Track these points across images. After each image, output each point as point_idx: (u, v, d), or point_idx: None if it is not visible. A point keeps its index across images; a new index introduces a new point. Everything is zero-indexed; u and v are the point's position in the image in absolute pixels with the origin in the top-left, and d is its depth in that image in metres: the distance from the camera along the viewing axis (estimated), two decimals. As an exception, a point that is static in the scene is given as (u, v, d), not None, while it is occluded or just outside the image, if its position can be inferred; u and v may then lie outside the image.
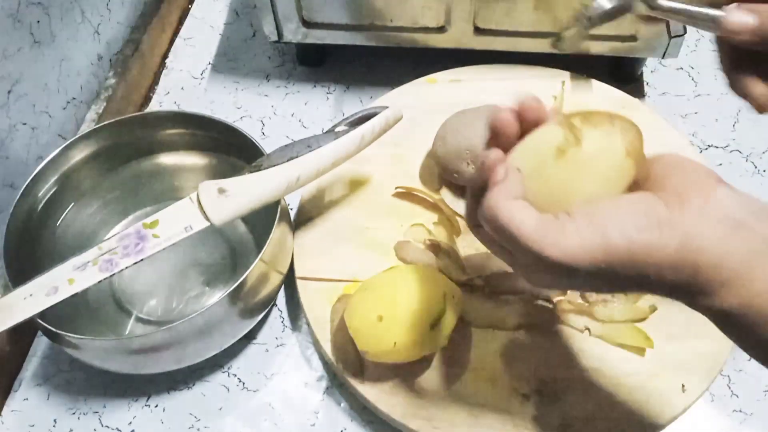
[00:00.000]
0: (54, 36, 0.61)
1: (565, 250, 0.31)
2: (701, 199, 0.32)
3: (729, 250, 0.31)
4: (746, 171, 0.65)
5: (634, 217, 0.32)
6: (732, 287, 0.31)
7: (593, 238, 0.31)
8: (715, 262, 0.31)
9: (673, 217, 0.31)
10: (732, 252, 0.31)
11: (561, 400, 0.49)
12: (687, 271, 0.31)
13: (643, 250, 0.31)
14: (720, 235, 0.31)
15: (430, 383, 0.50)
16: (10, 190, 0.56)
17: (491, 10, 0.62)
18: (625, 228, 0.31)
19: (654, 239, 0.31)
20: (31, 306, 0.45)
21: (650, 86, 0.71)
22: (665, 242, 0.31)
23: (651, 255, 0.31)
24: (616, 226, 0.31)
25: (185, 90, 0.74)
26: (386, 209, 0.59)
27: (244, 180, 0.49)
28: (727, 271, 0.31)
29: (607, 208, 0.32)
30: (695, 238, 0.31)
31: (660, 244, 0.31)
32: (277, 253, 0.52)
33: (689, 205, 0.32)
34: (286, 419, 0.53)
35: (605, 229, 0.31)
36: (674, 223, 0.31)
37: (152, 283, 0.58)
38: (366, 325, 0.48)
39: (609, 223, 0.31)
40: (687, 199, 0.32)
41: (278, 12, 0.64)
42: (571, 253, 0.31)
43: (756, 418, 0.52)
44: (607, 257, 0.31)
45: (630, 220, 0.31)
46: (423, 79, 0.67)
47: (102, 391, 0.55)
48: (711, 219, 0.31)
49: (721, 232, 0.31)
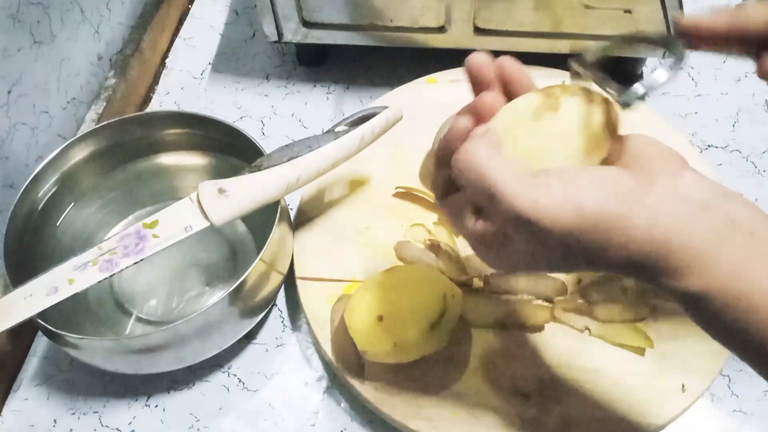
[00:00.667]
0: (54, 36, 0.61)
1: (540, 208, 0.31)
2: (670, 179, 0.32)
3: (694, 231, 0.31)
4: (746, 171, 0.65)
5: (608, 186, 0.31)
6: (698, 268, 0.31)
7: (566, 199, 0.31)
8: (680, 242, 0.31)
9: (643, 193, 0.31)
10: (697, 233, 0.31)
11: (561, 400, 0.49)
12: (652, 250, 0.31)
13: (612, 220, 0.31)
14: (686, 215, 0.31)
15: (430, 383, 0.50)
16: (10, 190, 0.56)
17: (491, 10, 0.62)
18: (599, 195, 0.31)
19: (625, 211, 0.31)
20: (31, 306, 0.45)
21: (650, 86, 0.71)
22: (634, 215, 0.31)
23: (620, 227, 0.31)
24: (590, 192, 0.31)
25: (185, 90, 0.74)
26: (386, 209, 0.59)
27: (244, 180, 0.49)
28: (692, 253, 0.31)
29: (583, 174, 0.32)
30: (663, 216, 0.31)
31: (628, 216, 0.31)
32: (277, 253, 0.52)
33: (658, 184, 0.32)
34: (286, 419, 0.53)
35: (580, 193, 0.31)
36: (644, 199, 0.31)
37: (152, 283, 0.58)
38: (366, 325, 0.48)
39: (584, 188, 0.31)
40: (656, 178, 0.32)
41: (278, 12, 0.64)
42: (545, 212, 0.31)
43: (756, 418, 0.52)
44: (579, 222, 0.31)
45: (604, 188, 0.31)
46: (423, 79, 0.67)
47: (102, 391, 0.55)
48: (678, 199, 0.31)
49: (688, 212, 0.31)
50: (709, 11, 0.35)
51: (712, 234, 0.31)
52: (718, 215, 0.31)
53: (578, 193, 0.31)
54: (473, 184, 0.33)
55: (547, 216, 0.31)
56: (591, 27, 0.63)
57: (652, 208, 0.31)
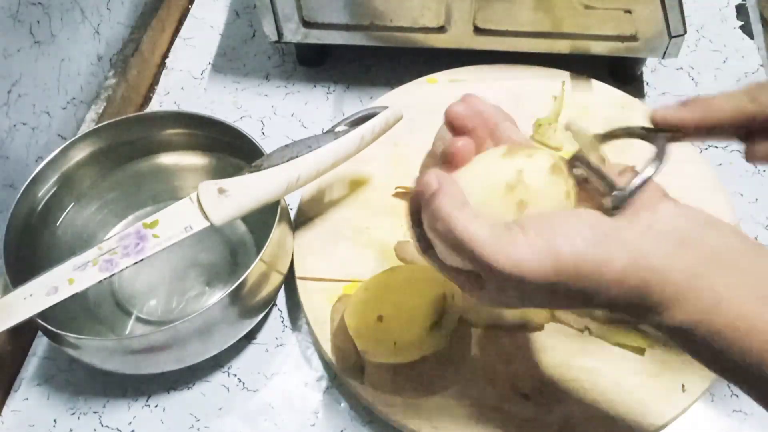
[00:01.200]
0: (54, 36, 0.61)
1: (517, 261, 0.30)
2: (648, 213, 0.32)
3: (675, 266, 0.31)
4: (746, 171, 0.65)
5: (582, 230, 0.31)
6: (680, 303, 0.31)
7: (542, 250, 0.31)
8: (661, 279, 0.31)
9: (621, 233, 0.31)
10: (678, 268, 0.31)
11: (561, 400, 0.49)
12: (634, 288, 0.31)
13: (590, 265, 0.31)
14: (666, 251, 0.31)
15: (430, 383, 0.50)
16: (10, 190, 0.56)
17: (491, 10, 0.62)
18: (575, 241, 0.31)
19: (601, 253, 0.31)
20: (31, 306, 0.45)
21: (650, 86, 0.71)
22: (612, 257, 0.31)
23: (598, 270, 0.31)
24: (565, 239, 0.31)
25: (185, 90, 0.74)
26: (386, 209, 0.59)
27: (244, 180, 0.49)
28: (674, 288, 0.31)
29: (557, 221, 0.32)
30: (642, 254, 0.31)
31: (607, 259, 0.31)
32: (277, 253, 0.52)
33: (637, 221, 0.31)
34: (286, 419, 0.53)
35: (554, 241, 0.31)
36: (622, 239, 0.31)
37: (152, 283, 0.58)
38: (366, 325, 0.48)
39: (558, 236, 0.31)
40: (634, 214, 0.32)
41: (278, 12, 0.64)
42: (522, 265, 0.30)
43: (756, 418, 0.52)
44: (557, 270, 0.31)
45: (579, 233, 0.31)
46: (423, 79, 0.67)
47: (102, 391, 0.55)
48: (658, 235, 0.31)
49: (668, 248, 0.31)
50: (676, 104, 0.35)
51: (692, 267, 0.31)
52: (698, 247, 0.31)
53: (553, 241, 0.31)
54: (452, 246, 0.32)
55: (527, 269, 0.31)
56: (591, 27, 0.63)
57: (631, 247, 0.31)
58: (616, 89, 0.66)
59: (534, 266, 0.31)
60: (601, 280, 0.31)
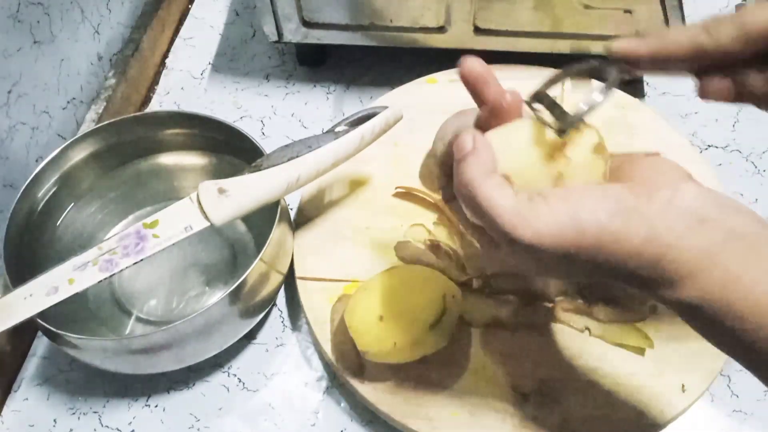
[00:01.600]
0: (54, 36, 0.61)
1: (538, 232, 0.31)
2: (669, 191, 0.32)
3: (692, 242, 0.31)
4: (746, 171, 0.65)
5: (605, 203, 0.32)
6: (693, 279, 0.31)
7: (565, 221, 0.31)
8: (677, 254, 0.31)
9: (641, 208, 0.32)
10: (693, 245, 0.31)
11: (561, 400, 0.49)
12: (650, 263, 0.31)
13: (611, 237, 0.31)
14: (684, 228, 0.31)
15: (430, 383, 0.50)
16: (10, 190, 0.56)
17: (491, 10, 0.62)
18: (597, 213, 0.31)
19: (622, 227, 0.31)
20: (31, 306, 0.45)
21: (650, 86, 0.72)
22: (632, 231, 0.31)
23: (618, 242, 0.31)
24: (588, 211, 0.31)
25: (185, 90, 0.74)
26: (386, 209, 0.59)
27: (244, 180, 0.49)
28: (689, 263, 0.31)
29: (580, 194, 0.32)
30: (660, 230, 0.31)
31: (627, 232, 0.31)
32: (277, 253, 0.52)
33: (657, 197, 0.32)
34: (286, 419, 0.53)
35: (577, 213, 0.31)
36: (642, 214, 0.31)
37: (152, 283, 0.58)
38: (366, 325, 0.48)
39: (581, 207, 0.31)
40: (655, 191, 0.32)
41: (278, 12, 0.64)
42: (543, 236, 0.31)
43: (756, 419, 0.52)
44: (577, 241, 0.31)
45: (601, 206, 0.32)
46: (423, 79, 0.67)
47: (102, 391, 0.55)
48: (677, 212, 0.31)
49: (686, 224, 0.31)
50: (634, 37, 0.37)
51: (707, 245, 0.31)
52: (716, 226, 0.31)
53: (576, 212, 0.31)
54: (474, 212, 0.33)
55: (548, 241, 0.31)
56: (591, 27, 0.63)
57: (650, 223, 0.31)
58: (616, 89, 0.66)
59: (555, 237, 0.31)
60: (620, 253, 0.31)
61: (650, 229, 0.31)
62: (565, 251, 0.32)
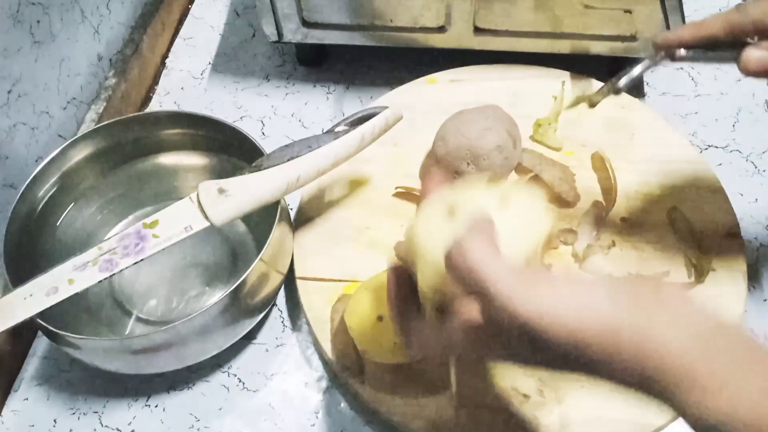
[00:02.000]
0: (54, 36, 0.61)
1: (540, 311, 0.30)
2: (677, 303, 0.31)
3: (695, 357, 0.30)
4: (746, 171, 0.65)
5: (612, 292, 0.31)
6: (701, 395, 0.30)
7: (579, 306, 0.30)
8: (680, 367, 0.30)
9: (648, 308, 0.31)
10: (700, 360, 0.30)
11: (561, 400, 0.49)
12: (648, 367, 0.30)
13: (611, 329, 0.30)
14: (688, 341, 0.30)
15: (430, 383, 0.50)
16: (10, 190, 0.56)
17: (491, 10, 0.62)
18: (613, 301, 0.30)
19: (628, 319, 0.30)
20: (31, 306, 0.45)
21: (650, 86, 0.71)
22: (635, 329, 0.30)
23: (617, 336, 0.30)
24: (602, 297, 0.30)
25: (185, 90, 0.74)
26: (386, 209, 0.59)
27: (244, 180, 0.49)
28: (692, 379, 0.30)
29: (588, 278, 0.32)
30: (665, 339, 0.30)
31: (629, 329, 0.30)
32: (277, 253, 0.52)
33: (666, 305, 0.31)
34: (286, 419, 0.53)
35: (593, 298, 0.30)
36: (648, 315, 0.30)
37: (152, 283, 0.58)
38: (366, 325, 0.47)
39: (593, 292, 0.31)
40: (664, 298, 0.31)
41: (278, 12, 0.64)
42: (544, 316, 0.30)
43: (756, 418, 0.52)
44: (579, 328, 0.30)
45: (608, 295, 0.31)
46: (423, 79, 0.67)
47: (102, 391, 0.55)
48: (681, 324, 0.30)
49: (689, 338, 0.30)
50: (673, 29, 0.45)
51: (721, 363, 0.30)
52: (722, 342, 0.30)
53: (591, 298, 0.30)
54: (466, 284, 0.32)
55: (544, 319, 0.30)
56: (591, 27, 0.63)
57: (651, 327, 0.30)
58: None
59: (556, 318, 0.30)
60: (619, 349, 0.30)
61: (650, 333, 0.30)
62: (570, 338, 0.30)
